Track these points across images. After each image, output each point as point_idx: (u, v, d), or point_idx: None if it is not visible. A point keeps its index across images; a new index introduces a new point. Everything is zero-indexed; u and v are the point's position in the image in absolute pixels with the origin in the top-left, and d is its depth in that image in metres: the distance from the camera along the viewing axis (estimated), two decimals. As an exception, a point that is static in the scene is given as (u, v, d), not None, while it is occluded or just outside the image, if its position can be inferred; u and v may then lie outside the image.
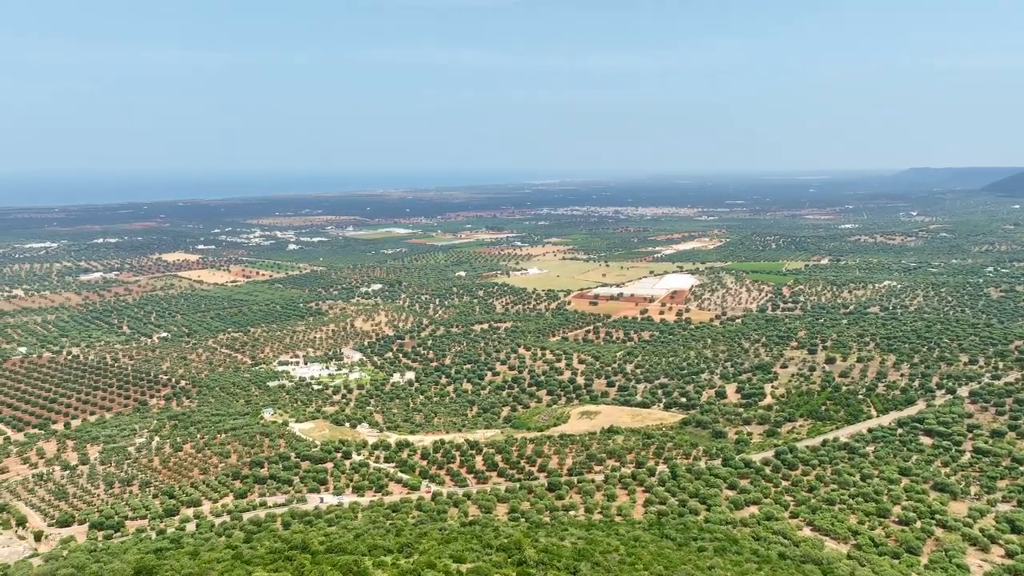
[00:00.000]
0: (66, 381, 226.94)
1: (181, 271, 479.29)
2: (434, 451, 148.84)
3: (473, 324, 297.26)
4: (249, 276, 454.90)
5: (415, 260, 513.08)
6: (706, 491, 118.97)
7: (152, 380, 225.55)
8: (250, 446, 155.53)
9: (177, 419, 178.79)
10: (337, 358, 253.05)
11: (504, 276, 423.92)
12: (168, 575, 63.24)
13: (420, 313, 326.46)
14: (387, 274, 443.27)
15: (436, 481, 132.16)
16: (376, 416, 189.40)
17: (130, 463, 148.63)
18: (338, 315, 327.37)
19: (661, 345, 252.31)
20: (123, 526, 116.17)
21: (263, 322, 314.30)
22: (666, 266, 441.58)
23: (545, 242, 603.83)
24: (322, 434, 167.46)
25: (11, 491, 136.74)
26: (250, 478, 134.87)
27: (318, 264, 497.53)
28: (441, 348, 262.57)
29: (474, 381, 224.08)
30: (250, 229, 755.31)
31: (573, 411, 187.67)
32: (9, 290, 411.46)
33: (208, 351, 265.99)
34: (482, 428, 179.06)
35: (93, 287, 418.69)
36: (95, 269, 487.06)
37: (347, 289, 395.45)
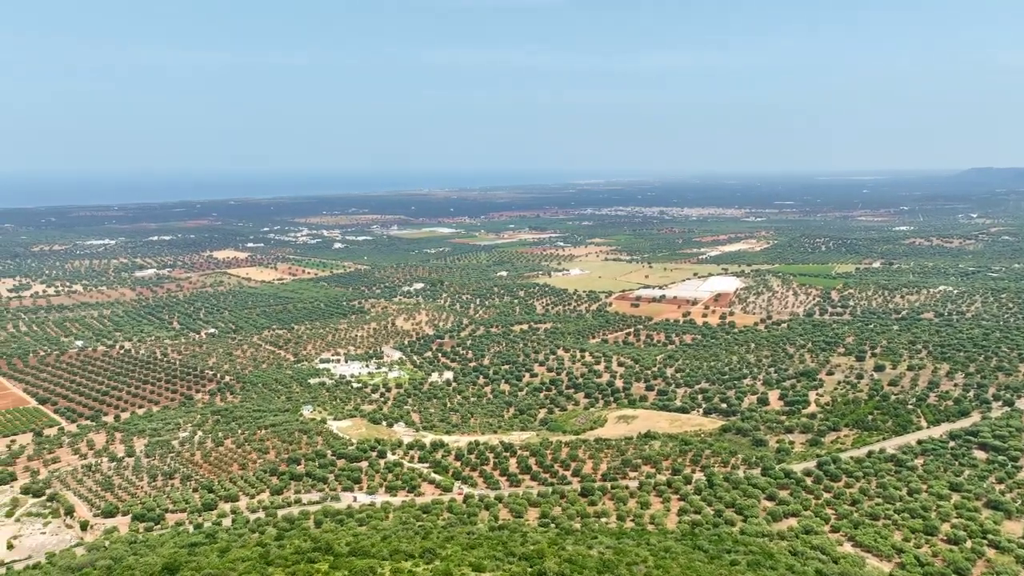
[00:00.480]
0: (118, 374, 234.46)
1: (230, 268, 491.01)
2: (468, 452, 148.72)
3: (513, 325, 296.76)
4: (295, 274, 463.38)
5: (457, 260, 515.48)
6: (743, 501, 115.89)
7: (198, 375, 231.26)
8: (288, 443, 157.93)
9: (220, 414, 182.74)
10: (377, 356, 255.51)
11: (545, 276, 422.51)
12: (193, 573, 64.03)
13: (460, 313, 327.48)
14: (429, 273, 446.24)
15: (469, 483, 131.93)
16: (413, 415, 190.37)
17: (173, 456, 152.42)
18: (380, 314, 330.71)
19: (703, 349, 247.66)
20: (163, 519, 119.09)
21: (307, 320, 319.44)
22: (711, 268, 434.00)
23: (588, 243, 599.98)
24: (359, 432, 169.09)
25: (62, 481, 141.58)
26: (287, 475, 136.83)
27: (362, 263, 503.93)
28: (480, 348, 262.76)
29: (512, 382, 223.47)
30: (298, 228, 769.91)
31: (610, 415, 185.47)
32: (69, 285, 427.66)
33: (253, 347, 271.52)
34: (518, 430, 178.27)
35: (147, 283, 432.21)
36: (149, 266, 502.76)
37: (389, 288, 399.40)
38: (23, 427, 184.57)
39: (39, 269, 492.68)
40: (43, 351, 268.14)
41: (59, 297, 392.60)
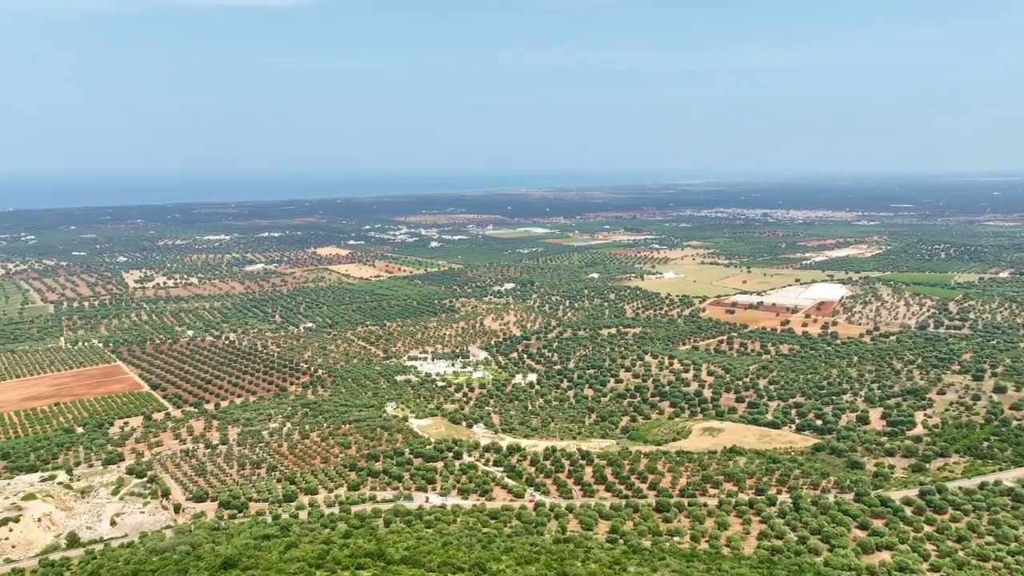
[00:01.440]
0: (221, 364, 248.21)
1: (332, 265, 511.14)
2: (544, 458, 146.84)
3: (601, 328, 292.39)
4: (391, 271, 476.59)
5: (549, 260, 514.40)
6: (831, 529, 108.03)
7: (293, 368, 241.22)
8: (370, 438, 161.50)
9: (309, 407, 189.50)
10: (463, 356, 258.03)
11: (638, 279, 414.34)
12: (248, 571, 65.71)
13: (549, 314, 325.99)
14: (521, 273, 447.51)
15: (541, 490, 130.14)
16: (493, 417, 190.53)
17: (262, 446, 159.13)
18: (469, 313, 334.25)
19: (800, 360, 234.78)
20: (247, 507, 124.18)
21: (399, 317, 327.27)
22: (814, 274, 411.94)
23: (684, 245, 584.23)
24: (438, 432, 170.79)
25: (161, 464, 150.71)
26: (364, 471, 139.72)
27: (456, 262, 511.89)
28: (566, 351, 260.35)
29: (596, 387, 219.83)
30: (397, 226, 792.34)
31: (695, 426, 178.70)
32: (186, 278, 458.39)
33: (346, 342, 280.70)
34: (598, 437, 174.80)
35: (254, 277, 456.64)
36: (258, 261, 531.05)
37: (481, 287, 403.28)
38: (136, 410, 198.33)
39: (162, 262, 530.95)
40: (159, 339, 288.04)
41: (177, 288, 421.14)
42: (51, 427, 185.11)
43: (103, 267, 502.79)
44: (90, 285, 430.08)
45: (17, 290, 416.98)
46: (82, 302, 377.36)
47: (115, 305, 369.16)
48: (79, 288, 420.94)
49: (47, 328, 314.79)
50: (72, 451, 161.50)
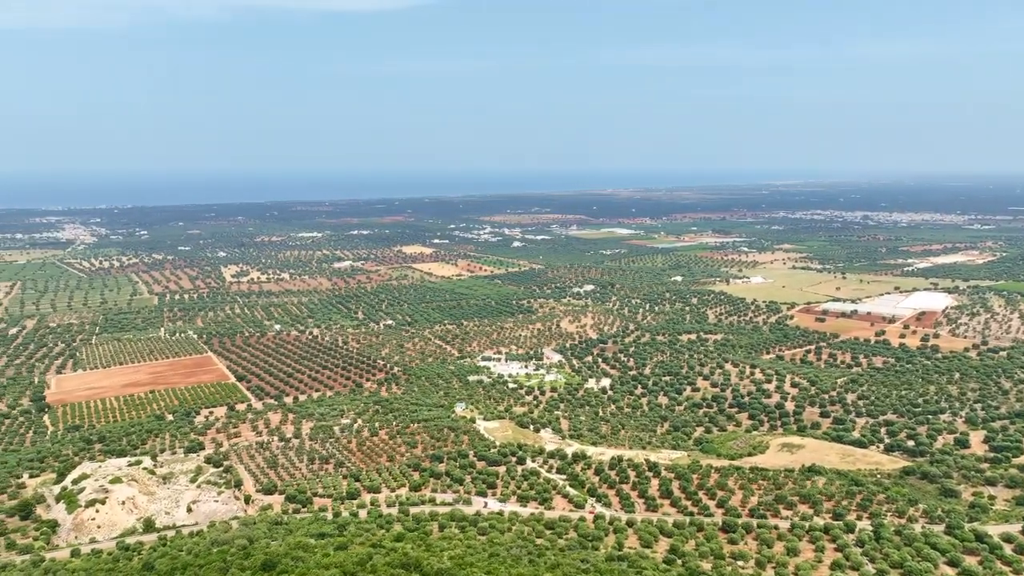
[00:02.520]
0: (303, 358, 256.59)
1: (415, 263, 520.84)
2: (609, 468, 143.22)
3: (681, 333, 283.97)
4: (473, 271, 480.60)
5: (632, 262, 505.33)
6: (915, 564, 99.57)
7: (370, 364, 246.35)
8: (436, 439, 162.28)
9: (381, 404, 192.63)
10: (537, 357, 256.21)
11: (723, 283, 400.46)
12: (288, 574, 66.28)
13: (628, 317, 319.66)
14: (601, 275, 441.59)
15: (603, 501, 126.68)
16: (562, 422, 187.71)
17: (332, 442, 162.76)
18: (546, 314, 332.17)
19: (894, 375, 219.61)
20: (311, 502, 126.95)
21: (476, 316, 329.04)
22: (916, 282, 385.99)
23: (775, 248, 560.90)
24: (505, 435, 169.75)
25: (237, 454, 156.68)
26: (427, 471, 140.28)
27: (537, 262, 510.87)
28: (643, 356, 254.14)
29: (671, 395, 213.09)
30: (481, 226, 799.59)
31: (773, 441, 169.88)
32: (278, 273, 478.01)
33: (423, 341, 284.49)
34: (668, 448, 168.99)
35: (342, 274, 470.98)
36: (346, 258, 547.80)
37: (560, 288, 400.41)
38: (221, 401, 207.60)
39: (258, 257, 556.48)
40: (248, 332, 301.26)
41: (269, 283, 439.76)
42: (145, 413, 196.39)
43: (204, 261, 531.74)
44: (191, 278, 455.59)
45: (128, 282, 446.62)
46: (183, 295, 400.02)
47: (212, 298, 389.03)
48: (181, 281, 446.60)
49: (150, 319, 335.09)
50: (159, 438, 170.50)
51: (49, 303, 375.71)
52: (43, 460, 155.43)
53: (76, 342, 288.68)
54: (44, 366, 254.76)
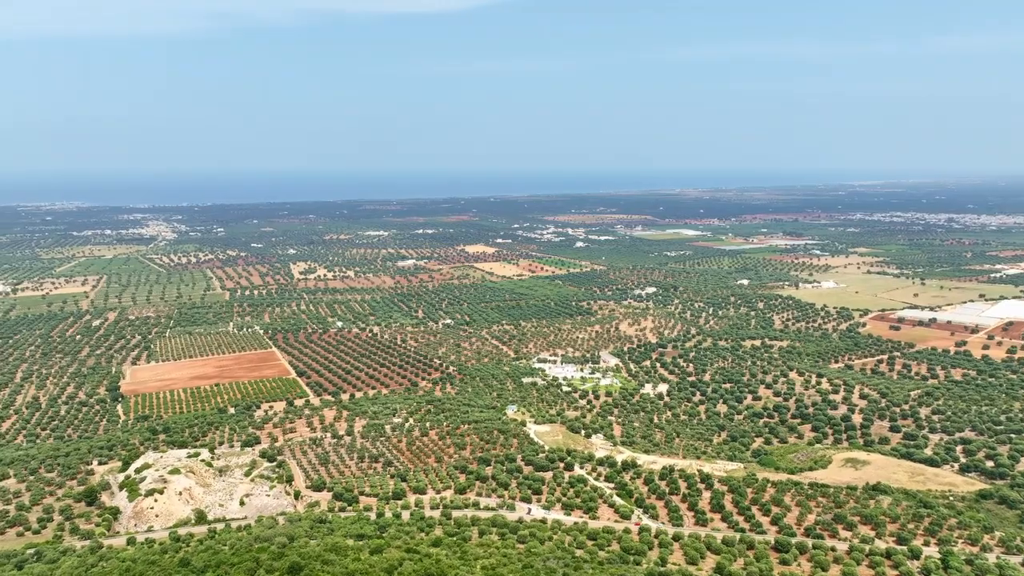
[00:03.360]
0: (362, 356, 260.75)
1: (477, 262, 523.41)
2: (659, 478, 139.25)
3: (744, 339, 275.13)
4: (534, 271, 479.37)
5: (697, 264, 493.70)
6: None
7: (427, 363, 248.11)
8: (486, 441, 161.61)
9: (433, 404, 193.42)
10: (593, 361, 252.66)
11: (791, 288, 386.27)
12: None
13: (689, 322, 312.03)
14: (664, 277, 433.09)
15: (650, 513, 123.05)
16: (615, 428, 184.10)
17: (383, 440, 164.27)
18: (606, 316, 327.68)
19: (975, 389, 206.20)
20: (357, 501, 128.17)
21: (534, 317, 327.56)
22: (1004, 289, 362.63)
23: (850, 252, 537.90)
24: (555, 439, 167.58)
25: (291, 450, 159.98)
26: (474, 474, 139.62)
27: (600, 263, 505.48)
28: (703, 362, 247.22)
29: (730, 403, 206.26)
30: (545, 225, 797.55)
31: (836, 455, 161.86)
32: (344, 271, 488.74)
33: (480, 340, 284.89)
34: (724, 459, 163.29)
35: (404, 272, 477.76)
36: (410, 257, 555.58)
37: (621, 290, 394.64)
38: (281, 395, 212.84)
39: (325, 255, 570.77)
40: (311, 328, 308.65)
41: (335, 281, 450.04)
42: (209, 406, 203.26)
43: (275, 258, 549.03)
44: (262, 275, 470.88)
45: (203, 277, 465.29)
46: (252, 290, 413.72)
47: (279, 294, 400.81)
48: (252, 277, 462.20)
49: (221, 313, 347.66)
50: (219, 430, 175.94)
51: (130, 297, 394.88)
52: (112, 448, 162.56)
53: (152, 334, 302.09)
54: (121, 357, 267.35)
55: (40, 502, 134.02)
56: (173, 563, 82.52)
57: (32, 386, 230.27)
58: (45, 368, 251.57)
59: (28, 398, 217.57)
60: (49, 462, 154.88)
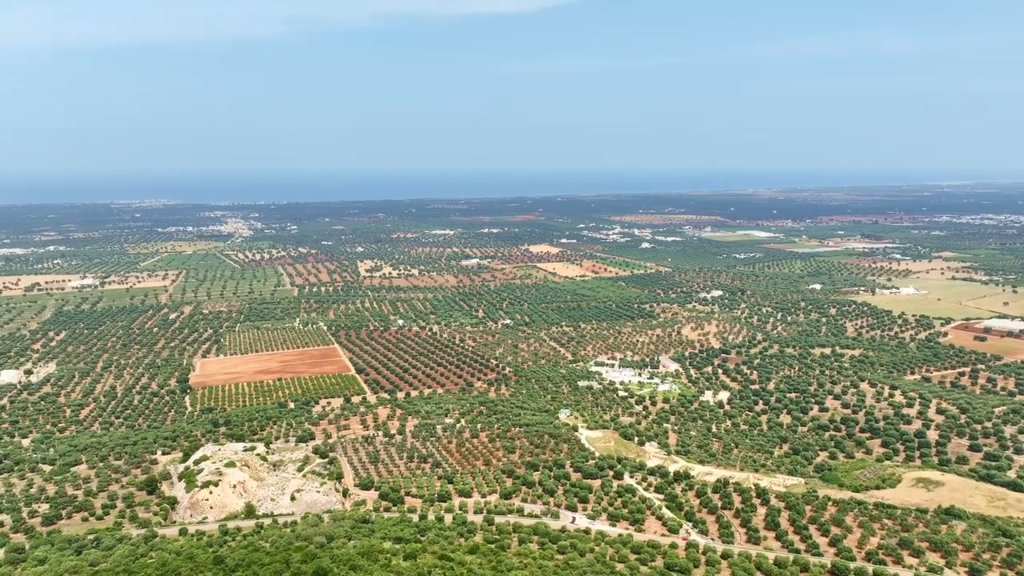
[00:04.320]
0: (420, 354, 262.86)
1: (541, 262, 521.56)
2: (713, 490, 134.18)
3: (813, 347, 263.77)
4: (597, 272, 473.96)
5: (767, 267, 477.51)
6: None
7: (483, 363, 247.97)
8: (535, 445, 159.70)
9: (486, 405, 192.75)
10: (652, 365, 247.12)
11: (867, 294, 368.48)
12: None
13: (756, 327, 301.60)
14: (731, 280, 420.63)
15: (699, 528, 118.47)
16: (670, 436, 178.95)
17: (433, 440, 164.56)
18: (668, 320, 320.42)
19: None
20: (402, 501, 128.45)
21: (595, 319, 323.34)
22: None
23: (933, 256, 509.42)
24: (606, 446, 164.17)
25: (343, 447, 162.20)
26: (520, 480, 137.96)
27: (665, 264, 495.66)
28: (768, 369, 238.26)
29: (794, 414, 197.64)
30: (611, 226, 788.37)
31: (907, 474, 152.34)
32: (408, 269, 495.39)
33: (538, 342, 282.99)
34: (784, 473, 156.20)
35: (467, 271, 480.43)
36: (473, 256, 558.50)
37: (686, 293, 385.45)
38: (339, 392, 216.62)
39: (392, 253, 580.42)
40: (373, 325, 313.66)
41: (399, 279, 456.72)
42: (270, 400, 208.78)
43: (343, 256, 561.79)
44: (330, 272, 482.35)
45: (274, 274, 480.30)
46: (320, 287, 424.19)
47: (345, 291, 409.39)
48: (320, 274, 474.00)
49: (288, 309, 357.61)
50: (277, 425, 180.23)
51: (206, 291, 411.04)
52: (175, 439, 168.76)
53: (222, 328, 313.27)
54: (193, 350, 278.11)
55: (106, 488, 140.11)
56: (208, 560, 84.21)
57: (111, 375, 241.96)
58: (123, 358, 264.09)
59: (106, 387, 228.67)
60: (118, 450, 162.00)
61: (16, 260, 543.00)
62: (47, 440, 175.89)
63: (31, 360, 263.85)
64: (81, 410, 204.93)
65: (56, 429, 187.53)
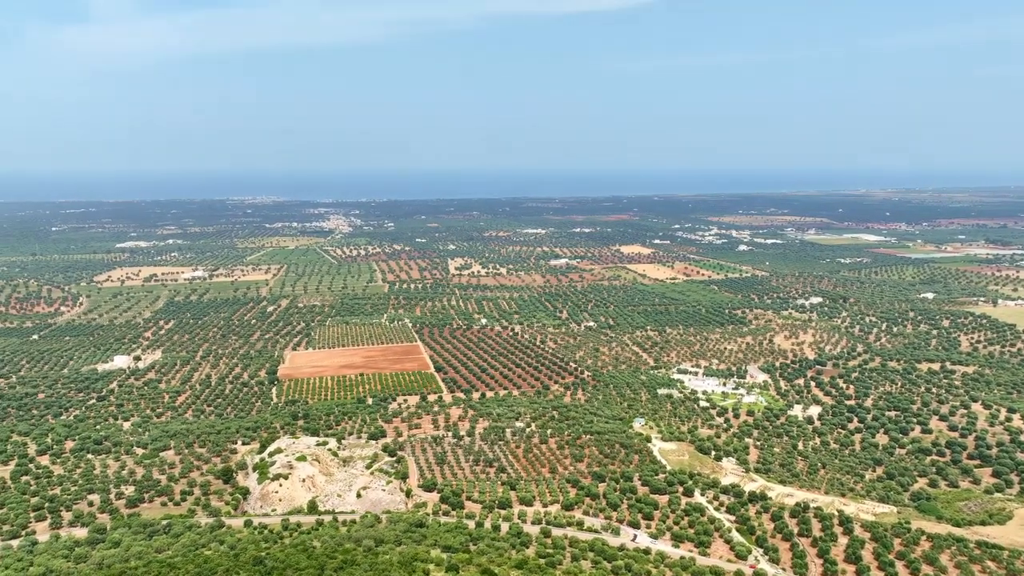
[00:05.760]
0: (499, 355, 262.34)
1: (631, 263, 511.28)
2: (790, 515, 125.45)
3: (920, 361, 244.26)
4: (689, 274, 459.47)
5: (873, 273, 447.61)
6: None
7: (562, 366, 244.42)
8: (604, 455, 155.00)
9: (558, 410, 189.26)
10: (739, 375, 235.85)
11: (987, 305, 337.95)
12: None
13: (857, 338, 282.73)
14: (833, 286, 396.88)
15: (770, 556, 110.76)
16: (750, 452, 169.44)
17: (501, 444, 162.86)
18: (760, 327, 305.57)
19: None
20: (462, 506, 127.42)
21: (681, 324, 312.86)
22: None
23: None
24: (680, 459, 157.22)
25: (411, 446, 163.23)
26: (584, 491, 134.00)
27: (762, 268, 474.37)
28: (866, 384, 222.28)
29: (893, 434, 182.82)
30: (707, 226, 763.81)
31: (1020, 510, 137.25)
32: (497, 268, 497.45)
33: (620, 346, 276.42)
34: (874, 500, 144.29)
35: (555, 271, 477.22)
36: (563, 256, 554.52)
37: (782, 299, 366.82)
38: (416, 390, 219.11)
39: (482, 252, 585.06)
40: (456, 324, 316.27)
41: (487, 277, 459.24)
42: (351, 395, 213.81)
43: (435, 253, 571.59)
44: (420, 269, 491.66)
45: (368, 270, 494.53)
46: (410, 284, 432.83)
47: (434, 289, 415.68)
48: (412, 271, 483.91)
49: (378, 305, 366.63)
50: (352, 420, 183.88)
51: (303, 286, 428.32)
52: (256, 430, 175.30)
53: (314, 322, 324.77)
54: (285, 342, 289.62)
55: (187, 475, 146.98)
56: (248, 560, 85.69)
57: (208, 364, 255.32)
58: (221, 348, 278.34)
59: (203, 375, 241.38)
60: (203, 438, 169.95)
61: (140, 252, 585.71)
62: (144, 424, 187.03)
63: (141, 347, 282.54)
64: (178, 397, 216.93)
65: (154, 414, 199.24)
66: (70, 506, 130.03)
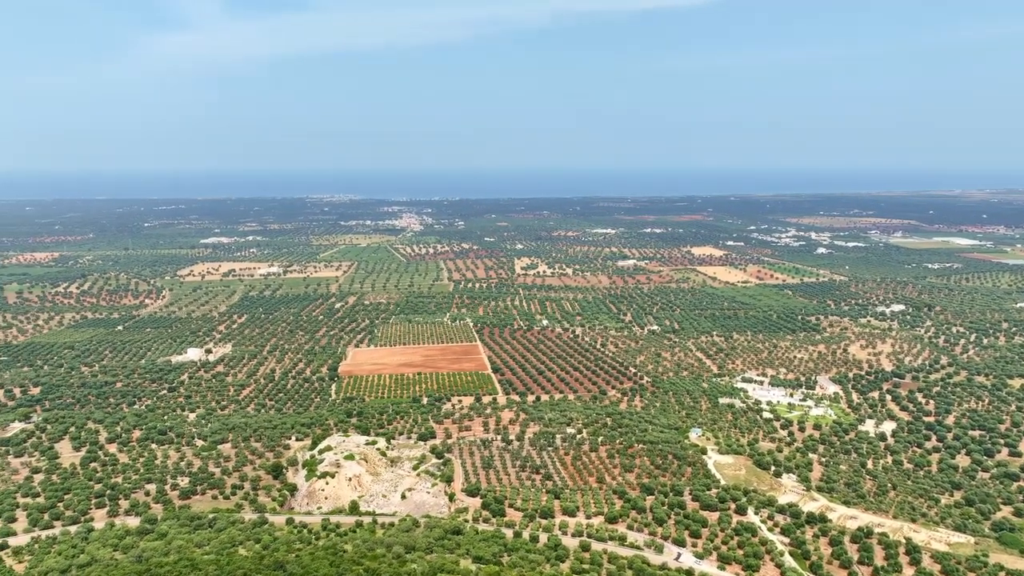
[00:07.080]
0: (558, 357, 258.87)
1: (701, 265, 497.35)
2: (851, 540, 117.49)
3: (1012, 376, 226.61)
4: (762, 278, 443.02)
5: (964, 280, 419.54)
6: None
7: (621, 371, 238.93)
8: (656, 466, 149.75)
9: (612, 417, 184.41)
10: (808, 386, 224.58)
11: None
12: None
13: (941, 349, 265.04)
14: (918, 294, 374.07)
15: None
16: (814, 468, 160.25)
17: (550, 450, 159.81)
18: (835, 335, 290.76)
19: None
20: (503, 513, 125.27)
21: (750, 330, 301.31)
22: None
23: None
24: (736, 474, 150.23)
25: (459, 449, 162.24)
26: (631, 503, 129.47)
27: (841, 272, 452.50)
28: (948, 400, 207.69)
29: (976, 456, 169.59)
30: (785, 228, 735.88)
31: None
32: (563, 268, 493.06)
33: (683, 351, 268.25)
34: (949, 527, 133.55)
35: (622, 272, 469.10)
36: (631, 257, 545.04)
37: (861, 306, 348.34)
38: (472, 390, 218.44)
39: (549, 251, 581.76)
40: (517, 324, 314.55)
41: (552, 278, 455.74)
42: (407, 393, 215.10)
43: (502, 253, 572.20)
44: (486, 268, 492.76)
45: (435, 268, 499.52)
46: (475, 283, 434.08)
47: (498, 288, 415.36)
48: (478, 271, 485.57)
49: (442, 304, 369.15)
50: (404, 420, 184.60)
51: (371, 283, 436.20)
52: (311, 426, 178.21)
53: (378, 320, 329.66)
54: (348, 339, 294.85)
55: (240, 469, 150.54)
56: (269, 564, 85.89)
57: (274, 359, 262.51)
58: (288, 344, 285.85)
59: (268, 370, 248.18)
60: (259, 432, 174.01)
61: (221, 248, 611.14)
62: (208, 416, 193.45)
63: (214, 340, 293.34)
64: (243, 390, 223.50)
65: (218, 407, 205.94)
66: (128, 494, 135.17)
